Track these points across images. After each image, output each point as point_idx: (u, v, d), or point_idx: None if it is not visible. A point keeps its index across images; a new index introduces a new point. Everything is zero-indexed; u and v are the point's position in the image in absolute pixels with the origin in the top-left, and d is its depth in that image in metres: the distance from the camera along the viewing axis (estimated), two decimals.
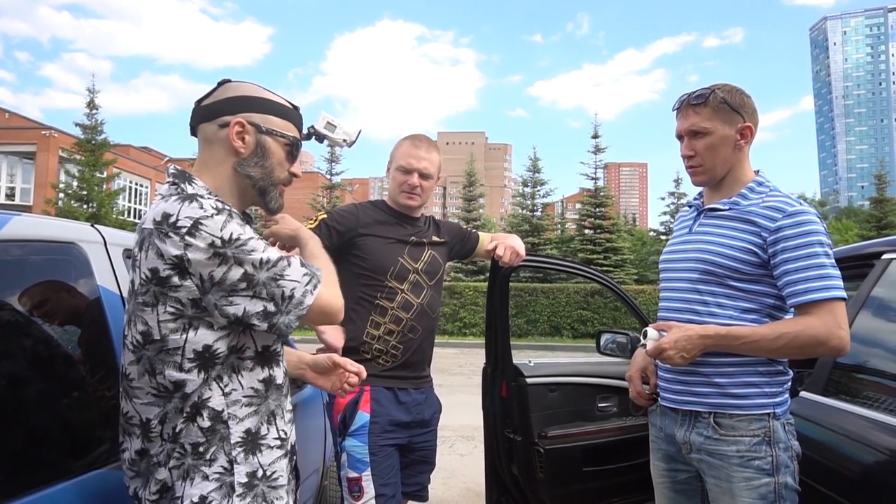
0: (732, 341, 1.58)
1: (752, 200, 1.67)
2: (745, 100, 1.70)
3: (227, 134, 1.28)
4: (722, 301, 1.65)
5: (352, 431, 2.02)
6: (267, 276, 1.17)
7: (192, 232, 1.12)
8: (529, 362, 2.79)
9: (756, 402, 1.61)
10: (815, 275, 1.53)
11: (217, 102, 1.31)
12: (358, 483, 1.99)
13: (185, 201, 1.16)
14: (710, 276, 1.67)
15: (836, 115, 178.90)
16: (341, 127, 1.64)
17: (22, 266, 1.40)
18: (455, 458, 5.11)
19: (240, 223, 1.18)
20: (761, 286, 1.64)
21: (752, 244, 1.62)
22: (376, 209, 2.21)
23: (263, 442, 1.25)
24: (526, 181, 23.80)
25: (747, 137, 1.70)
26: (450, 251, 2.36)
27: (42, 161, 29.89)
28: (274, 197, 1.36)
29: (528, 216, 23.07)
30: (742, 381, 1.63)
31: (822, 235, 1.58)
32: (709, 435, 1.64)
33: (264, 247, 1.19)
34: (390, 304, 2.08)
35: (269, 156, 1.32)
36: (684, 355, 1.59)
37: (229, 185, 1.31)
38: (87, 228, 1.60)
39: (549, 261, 2.82)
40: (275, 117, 1.33)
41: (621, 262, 21.21)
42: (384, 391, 2.06)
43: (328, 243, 2.08)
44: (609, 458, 2.71)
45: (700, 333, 1.59)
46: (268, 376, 1.27)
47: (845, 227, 38.88)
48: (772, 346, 1.55)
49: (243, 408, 1.23)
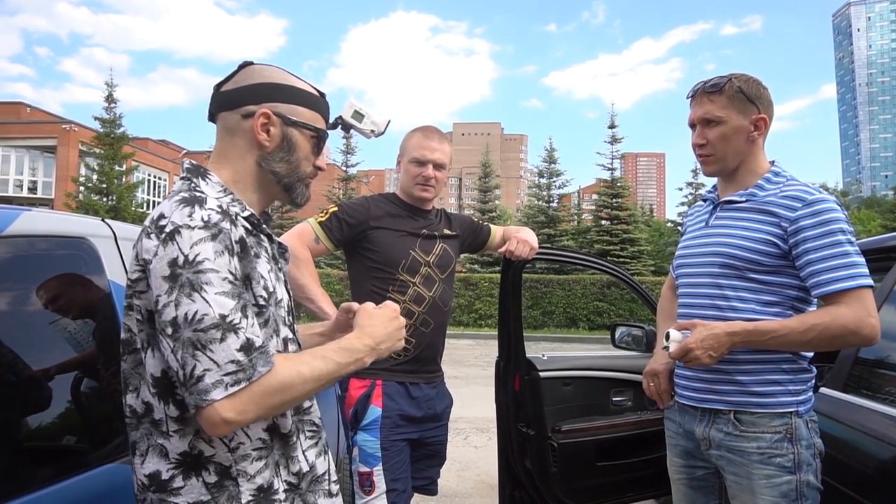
0: (760, 336, 1.52)
1: (769, 191, 1.63)
2: (761, 91, 1.66)
3: (251, 125, 1.16)
4: (743, 295, 1.61)
5: (363, 426, 2.02)
6: (189, 336, 0.96)
7: (167, 240, 1.00)
8: (543, 356, 2.77)
9: (779, 400, 1.57)
10: (839, 263, 1.49)
11: (240, 89, 1.18)
12: (369, 478, 1.99)
13: (182, 204, 1.04)
14: (731, 270, 1.62)
15: (859, 103, 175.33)
16: (369, 116, 1.51)
17: (32, 260, 1.41)
18: (469, 450, 5.10)
19: (223, 248, 1.01)
20: (783, 277, 1.59)
21: (773, 235, 1.58)
22: (388, 202, 2.19)
23: (275, 497, 1.10)
24: (542, 172, 23.67)
25: (761, 129, 1.65)
26: (462, 244, 2.34)
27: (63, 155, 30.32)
28: (301, 192, 1.25)
29: (544, 207, 22.93)
30: (765, 378, 1.58)
31: (844, 223, 1.54)
32: (729, 431, 1.60)
33: (223, 292, 0.99)
34: (402, 297, 2.07)
35: (296, 150, 1.20)
36: (712, 354, 1.52)
37: (251, 179, 1.19)
38: (97, 223, 1.60)
39: (562, 253, 2.80)
40: (302, 108, 1.20)
41: (638, 254, 21.00)
42: (396, 385, 2.05)
43: (339, 236, 2.08)
44: (623, 453, 2.69)
45: (726, 331, 1.53)
46: (273, 424, 1.12)
47: (868, 218, 38.17)
48: (802, 338, 1.50)
49: (253, 462, 1.08)
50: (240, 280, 1.03)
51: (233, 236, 1.04)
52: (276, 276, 1.19)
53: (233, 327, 0.98)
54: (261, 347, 1.00)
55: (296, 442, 1.15)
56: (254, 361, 0.98)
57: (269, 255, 1.18)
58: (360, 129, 1.50)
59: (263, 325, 1.07)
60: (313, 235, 2.06)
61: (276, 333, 1.13)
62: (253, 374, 0.97)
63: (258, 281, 1.09)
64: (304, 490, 1.16)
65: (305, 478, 1.16)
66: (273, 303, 1.13)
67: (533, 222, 22.53)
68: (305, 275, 2.02)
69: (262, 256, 1.13)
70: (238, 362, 0.97)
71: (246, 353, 0.98)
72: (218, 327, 0.97)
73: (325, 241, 2.07)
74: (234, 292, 1.00)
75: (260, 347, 1.00)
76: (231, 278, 1.00)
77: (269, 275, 1.13)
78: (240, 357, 0.97)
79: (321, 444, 1.24)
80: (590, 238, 21.80)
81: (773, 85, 1.72)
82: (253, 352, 0.98)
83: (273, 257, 1.21)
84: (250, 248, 1.09)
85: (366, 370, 2.04)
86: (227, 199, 1.13)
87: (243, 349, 0.98)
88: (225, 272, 1.00)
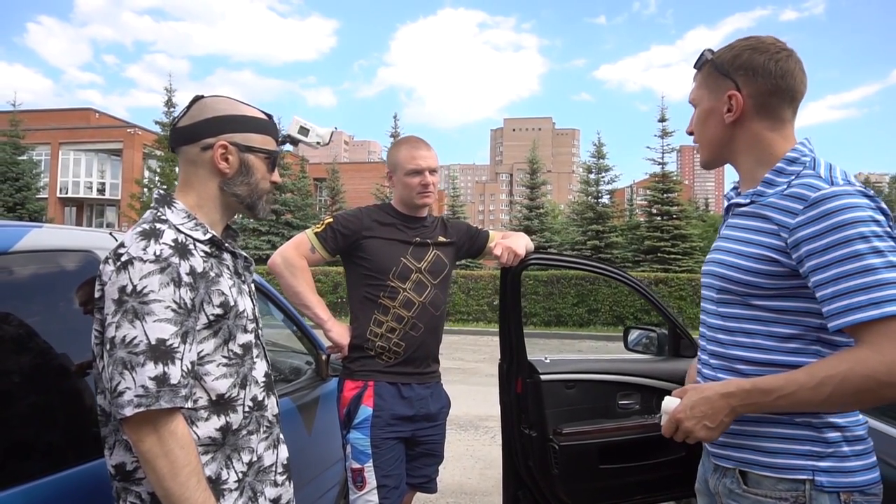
0: (764, 397, 1.17)
1: (777, 188, 1.25)
2: (744, 58, 1.28)
3: (210, 156, 1.29)
4: (748, 327, 1.27)
5: (355, 424, 2.12)
6: (122, 355, 1.11)
7: (121, 268, 1.14)
8: (545, 358, 2.81)
9: (787, 462, 1.23)
10: (857, 284, 1.09)
11: (196, 124, 1.30)
12: (361, 474, 2.09)
13: (140, 237, 1.17)
14: (730, 295, 1.30)
15: None
16: (314, 130, 1.69)
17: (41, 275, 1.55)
18: (495, 448, 5.14)
19: (169, 280, 1.14)
20: (797, 302, 1.22)
21: (771, 248, 1.22)
22: (381, 212, 2.29)
23: (224, 487, 1.24)
24: (590, 167, 23.32)
25: (735, 111, 1.29)
26: (458, 251, 2.41)
27: (128, 157, 31.94)
28: (262, 207, 1.38)
29: (593, 203, 22.61)
30: (773, 432, 1.25)
31: (867, 225, 1.11)
32: (733, 489, 1.30)
33: (164, 319, 1.12)
34: (392, 302, 2.16)
35: (253, 172, 1.33)
36: (707, 425, 1.20)
37: (214, 203, 1.33)
38: (103, 236, 1.74)
39: (556, 257, 2.82)
40: (255, 134, 1.34)
41: (690, 250, 20.44)
42: (387, 386, 2.15)
43: (333, 245, 2.19)
44: (628, 457, 2.69)
45: (720, 392, 1.20)
46: (225, 424, 1.25)
47: None
48: (815, 396, 1.12)
49: (201, 457, 1.19)
50: (185, 308, 1.16)
51: (182, 269, 1.17)
52: (239, 288, 1.33)
53: (169, 350, 1.12)
54: (173, 386, 1.12)
55: (247, 436, 1.29)
56: (160, 393, 1.10)
57: (231, 271, 1.32)
58: (307, 142, 1.69)
59: (213, 335, 1.23)
60: (309, 245, 2.19)
61: (231, 340, 1.27)
62: (153, 403, 1.09)
63: (217, 298, 1.24)
64: (252, 479, 1.30)
65: (253, 467, 1.30)
66: (232, 315, 1.27)
67: (581, 218, 22.27)
68: (301, 283, 2.16)
69: (223, 275, 1.28)
70: (146, 388, 1.09)
71: (158, 383, 1.10)
72: (146, 353, 1.10)
73: (320, 251, 2.19)
74: (176, 320, 1.14)
75: (173, 385, 1.11)
76: (174, 307, 1.14)
77: (230, 290, 1.28)
78: (150, 385, 1.10)
79: (272, 439, 1.38)
80: (640, 234, 21.35)
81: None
82: (163, 385, 1.10)
83: (236, 272, 1.35)
84: (209, 272, 1.24)
85: (359, 372, 2.17)
86: (191, 224, 1.27)
87: (156, 379, 1.10)
88: (168, 301, 1.14)
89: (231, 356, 1.27)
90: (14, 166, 23.56)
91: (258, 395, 1.34)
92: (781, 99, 1.28)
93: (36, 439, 1.39)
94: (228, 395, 1.26)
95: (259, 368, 1.36)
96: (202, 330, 1.22)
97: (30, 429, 1.40)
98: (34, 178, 24.59)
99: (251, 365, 1.33)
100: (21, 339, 1.44)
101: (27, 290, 1.51)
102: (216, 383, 1.24)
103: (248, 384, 1.30)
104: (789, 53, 1.29)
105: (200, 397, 1.22)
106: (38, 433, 1.40)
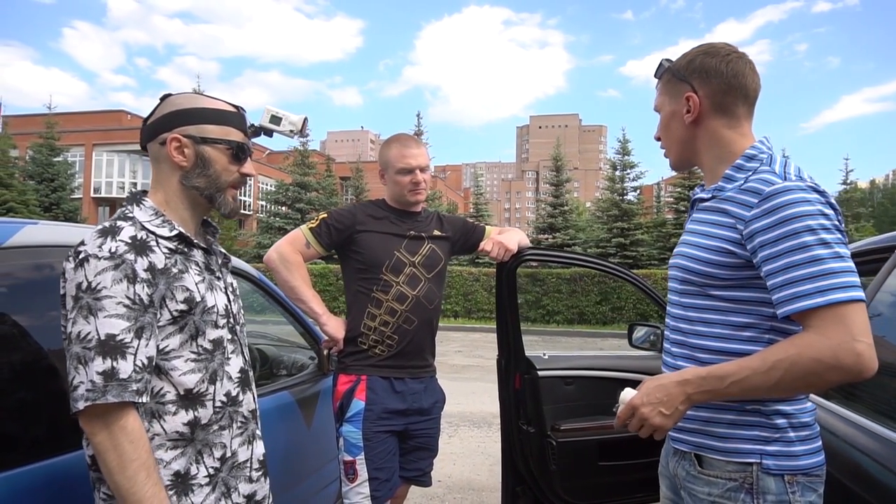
0: (718, 384, 1.21)
1: (735, 183, 1.32)
2: (701, 62, 1.37)
3: (167, 151, 1.31)
4: (707, 316, 1.34)
5: (348, 417, 2.15)
6: (77, 350, 1.14)
7: (78, 266, 1.17)
8: (544, 355, 2.81)
9: (736, 446, 1.29)
10: (805, 274, 1.15)
11: (156, 121, 1.33)
12: (352, 466, 2.12)
13: (98, 235, 1.20)
14: (691, 286, 1.37)
15: None
16: (286, 118, 1.68)
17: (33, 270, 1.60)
18: None
19: (122, 277, 1.16)
20: (751, 292, 1.29)
21: (728, 241, 1.29)
22: (375, 207, 2.32)
23: (194, 482, 1.25)
24: (615, 164, 23.08)
25: (693, 111, 1.37)
26: (453, 245, 2.43)
27: None
28: (224, 202, 1.37)
29: (618, 200, 22.38)
30: (724, 417, 1.31)
31: (815, 218, 1.18)
32: (689, 470, 1.37)
33: (116, 314, 1.15)
34: (385, 296, 2.19)
35: (212, 164, 1.33)
36: (663, 412, 1.23)
37: (179, 199, 1.34)
38: None
39: (550, 253, 2.82)
40: (210, 125, 1.33)
41: None
42: (380, 380, 2.18)
43: (328, 240, 2.23)
44: (628, 454, 2.68)
45: (675, 380, 1.25)
46: (193, 419, 1.26)
47: None
48: (767, 381, 1.17)
49: (168, 451, 1.22)
50: (140, 304, 1.18)
51: (139, 265, 1.19)
52: (210, 284, 1.34)
53: (120, 345, 1.14)
54: (122, 380, 1.13)
55: (219, 431, 1.30)
56: (107, 388, 1.12)
57: (200, 267, 1.33)
58: (280, 131, 1.68)
59: (179, 331, 1.25)
60: (304, 241, 2.23)
61: (200, 335, 1.29)
62: (100, 397, 1.12)
63: (181, 294, 1.25)
64: (225, 475, 1.30)
65: (226, 463, 1.31)
66: (199, 311, 1.28)
67: (606, 215, 22.06)
68: (297, 277, 2.20)
69: (189, 271, 1.29)
70: (94, 383, 1.12)
71: (105, 378, 1.12)
72: (95, 348, 1.13)
73: (315, 246, 2.23)
74: (129, 315, 1.17)
75: (122, 380, 1.13)
76: (127, 303, 1.17)
77: (196, 286, 1.29)
78: (97, 380, 1.12)
79: (247, 435, 1.38)
80: (665, 231, 21.08)
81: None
82: (111, 380, 1.13)
83: (208, 268, 1.36)
84: (171, 268, 1.25)
85: (352, 366, 2.20)
86: (157, 221, 1.29)
87: (104, 374, 1.12)
88: (121, 297, 1.16)
89: (200, 351, 1.28)
90: (50, 167, 24.23)
91: (232, 391, 1.34)
92: (735, 97, 1.36)
93: (23, 430, 1.44)
94: (197, 391, 1.26)
95: (234, 364, 1.36)
96: (166, 325, 1.23)
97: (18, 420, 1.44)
98: (69, 178, 25.24)
99: (222, 360, 1.33)
100: (12, 334, 1.48)
101: (19, 285, 1.56)
102: (183, 378, 1.25)
103: (218, 379, 1.31)
104: (740, 56, 1.38)
105: (168, 392, 1.23)
106: (25, 425, 1.44)
